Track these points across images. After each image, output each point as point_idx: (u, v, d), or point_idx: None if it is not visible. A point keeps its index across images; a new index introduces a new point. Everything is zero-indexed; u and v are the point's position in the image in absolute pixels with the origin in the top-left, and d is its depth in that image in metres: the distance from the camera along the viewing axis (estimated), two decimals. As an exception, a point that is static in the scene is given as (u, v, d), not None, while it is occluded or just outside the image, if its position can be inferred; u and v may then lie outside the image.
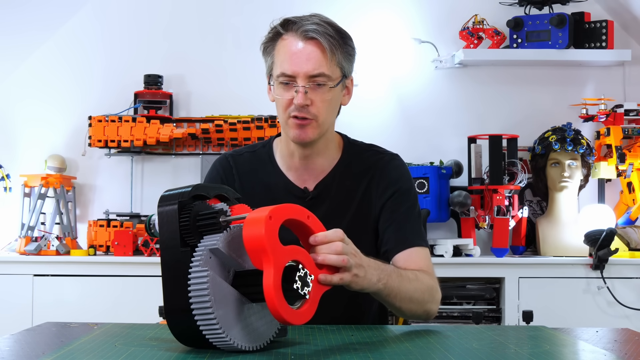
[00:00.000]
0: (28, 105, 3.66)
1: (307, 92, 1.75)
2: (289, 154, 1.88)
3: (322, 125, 1.79)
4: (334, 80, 1.77)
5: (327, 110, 1.78)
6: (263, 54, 1.85)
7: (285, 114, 1.78)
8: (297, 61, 1.75)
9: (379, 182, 1.87)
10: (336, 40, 1.76)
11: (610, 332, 1.63)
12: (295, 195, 1.86)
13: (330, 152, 1.88)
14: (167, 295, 1.32)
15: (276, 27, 1.81)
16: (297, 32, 1.77)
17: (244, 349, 1.30)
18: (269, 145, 1.94)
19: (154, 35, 3.67)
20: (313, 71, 1.74)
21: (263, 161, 1.91)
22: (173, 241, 1.32)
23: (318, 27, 1.75)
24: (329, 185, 1.86)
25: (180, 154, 3.60)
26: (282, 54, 1.78)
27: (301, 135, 1.78)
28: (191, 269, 1.28)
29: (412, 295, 1.70)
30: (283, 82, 1.77)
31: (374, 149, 1.94)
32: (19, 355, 1.32)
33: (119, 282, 3.16)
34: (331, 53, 1.75)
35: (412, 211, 1.87)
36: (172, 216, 1.33)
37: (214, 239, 1.30)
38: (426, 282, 1.77)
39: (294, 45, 1.76)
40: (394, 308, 1.71)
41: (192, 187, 1.36)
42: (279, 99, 1.79)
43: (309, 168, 1.87)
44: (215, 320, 1.26)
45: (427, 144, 3.60)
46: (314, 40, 1.75)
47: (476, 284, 3.23)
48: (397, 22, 3.64)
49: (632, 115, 3.48)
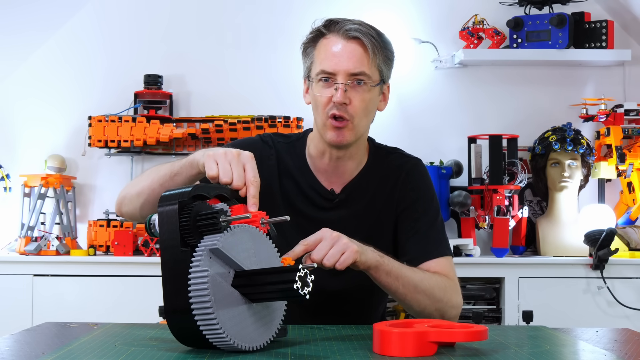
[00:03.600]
0: (28, 105, 3.66)
1: (347, 91, 1.73)
2: (320, 154, 1.85)
3: (358, 127, 1.77)
4: (374, 82, 1.77)
5: (364, 111, 1.76)
6: (302, 54, 1.82)
7: (324, 114, 1.76)
8: (339, 59, 1.73)
9: (402, 186, 1.86)
10: (378, 42, 1.76)
11: (610, 332, 1.63)
12: (322, 196, 1.84)
13: (360, 156, 1.87)
14: (167, 295, 1.32)
15: (319, 28, 1.79)
16: (339, 32, 1.76)
17: (244, 349, 1.30)
18: (303, 140, 1.90)
19: (154, 35, 3.67)
20: (354, 69, 1.73)
21: (295, 155, 1.88)
22: (173, 241, 1.32)
23: (361, 27, 1.75)
24: (356, 189, 1.85)
25: (180, 154, 3.60)
26: (323, 53, 1.76)
27: (338, 138, 1.76)
28: (191, 269, 1.28)
29: (418, 284, 1.69)
30: (323, 78, 1.75)
31: (397, 152, 1.93)
32: (19, 355, 1.32)
33: (119, 282, 3.16)
34: (373, 53, 1.74)
35: (436, 220, 1.86)
36: (172, 216, 1.33)
37: (214, 239, 1.30)
38: (439, 280, 1.75)
39: (336, 45, 1.75)
40: (403, 299, 1.69)
41: (192, 187, 1.36)
42: (318, 96, 1.76)
43: (338, 171, 1.85)
44: (215, 320, 1.26)
45: (427, 144, 3.60)
46: (356, 40, 1.74)
47: (476, 284, 3.24)
48: (397, 22, 3.64)
49: (632, 115, 3.48)
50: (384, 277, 1.65)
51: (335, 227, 1.59)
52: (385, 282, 1.66)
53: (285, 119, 3.41)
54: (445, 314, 1.74)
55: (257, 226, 1.37)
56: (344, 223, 1.76)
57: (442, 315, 1.74)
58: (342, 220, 1.80)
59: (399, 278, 1.66)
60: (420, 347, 1.28)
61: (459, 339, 1.30)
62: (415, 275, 1.70)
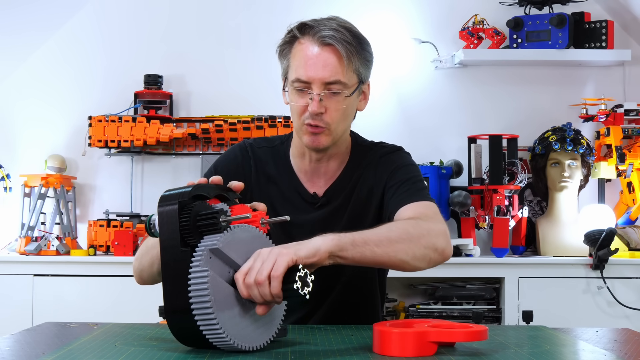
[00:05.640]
0: (28, 105, 3.66)
1: (322, 100, 1.72)
2: (300, 155, 1.86)
3: (335, 132, 1.77)
4: (350, 88, 1.75)
5: (341, 118, 1.75)
6: (279, 56, 1.81)
7: (300, 121, 1.76)
8: (313, 67, 1.71)
9: (381, 172, 1.84)
10: (353, 47, 1.73)
11: (610, 332, 1.64)
12: (305, 200, 1.85)
13: (341, 155, 1.87)
14: (167, 295, 1.32)
15: (293, 31, 1.77)
16: (313, 37, 1.73)
17: (244, 349, 1.30)
18: (287, 142, 1.91)
19: (154, 35, 3.67)
20: (329, 78, 1.71)
21: (279, 159, 1.89)
22: (173, 241, 1.32)
23: (335, 32, 1.72)
24: (338, 191, 1.85)
25: (180, 154, 3.60)
26: (298, 59, 1.74)
27: (315, 143, 1.76)
28: (191, 269, 1.28)
29: (389, 235, 1.51)
30: (298, 88, 1.74)
31: (379, 145, 1.92)
32: (19, 355, 1.32)
33: (119, 282, 3.16)
34: (348, 60, 1.72)
35: (416, 179, 1.80)
36: (172, 216, 1.33)
37: (214, 239, 1.30)
38: (410, 222, 1.61)
39: (310, 51, 1.72)
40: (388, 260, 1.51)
41: (192, 187, 1.36)
42: (294, 105, 1.76)
43: (320, 171, 1.86)
44: (215, 320, 1.26)
45: (427, 144, 3.60)
46: (330, 47, 1.71)
47: (476, 284, 3.24)
48: (397, 22, 3.64)
49: (632, 115, 3.48)
50: (352, 251, 1.43)
51: (318, 226, 1.59)
52: (357, 255, 1.45)
53: (285, 119, 3.41)
54: (436, 247, 1.57)
55: (257, 226, 1.38)
56: (327, 221, 1.79)
57: (434, 248, 1.57)
58: (325, 219, 1.82)
59: (367, 242, 1.46)
60: (420, 347, 1.28)
61: (459, 339, 1.30)
62: (381, 229, 1.54)
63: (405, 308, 3.29)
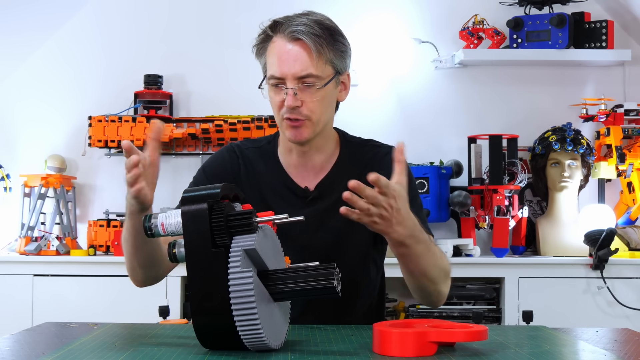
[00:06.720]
0: (28, 105, 3.66)
1: (297, 94, 1.75)
2: (287, 150, 1.88)
3: (317, 123, 1.79)
4: (324, 80, 1.77)
5: (319, 109, 1.78)
6: (256, 56, 1.86)
7: (279, 116, 1.80)
8: (285, 63, 1.76)
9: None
10: (323, 39, 1.75)
11: (610, 332, 1.63)
12: (296, 195, 1.86)
13: (329, 149, 1.88)
14: (196, 296, 1.30)
15: (265, 30, 1.82)
16: (284, 34, 1.77)
17: (273, 348, 1.32)
18: (274, 142, 1.93)
19: (154, 35, 3.67)
20: (300, 72, 1.75)
21: (267, 158, 1.91)
22: (203, 241, 1.30)
23: (304, 27, 1.75)
24: (329, 185, 1.86)
25: (180, 154, 3.60)
26: (272, 57, 1.79)
27: (297, 136, 1.79)
28: (231, 270, 1.27)
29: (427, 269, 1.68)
30: (273, 84, 1.79)
31: (370, 143, 1.93)
32: (19, 355, 1.32)
33: (119, 282, 3.15)
34: (317, 53, 1.75)
35: (415, 202, 1.82)
36: (202, 216, 1.31)
37: (249, 240, 1.30)
38: (444, 263, 1.78)
39: (282, 47, 1.77)
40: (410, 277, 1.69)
41: (219, 187, 1.35)
42: (272, 100, 1.81)
43: (307, 165, 1.87)
44: (258, 320, 1.26)
45: (427, 144, 3.60)
46: (299, 41, 1.75)
47: (476, 284, 3.24)
48: (397, 22, 3.64)
49: (632, 115, 3.48)
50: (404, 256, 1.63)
51: (312, 222, 1.62)
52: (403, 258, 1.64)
53: (285, 119, 3.40)
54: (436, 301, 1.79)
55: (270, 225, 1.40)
56: (320, 218, 1.80)
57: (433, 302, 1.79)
58: (318, 215, 1.82)
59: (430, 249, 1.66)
60: (420, 347, 1.28)
61: (459, 339, 1.30)
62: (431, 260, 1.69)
63: (405, 308, 3.29)
